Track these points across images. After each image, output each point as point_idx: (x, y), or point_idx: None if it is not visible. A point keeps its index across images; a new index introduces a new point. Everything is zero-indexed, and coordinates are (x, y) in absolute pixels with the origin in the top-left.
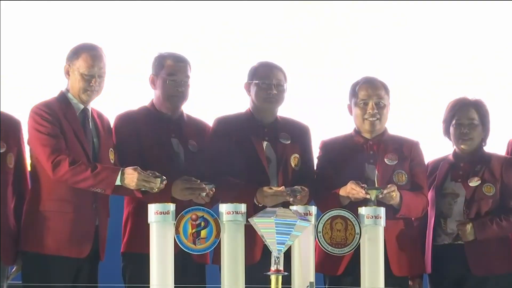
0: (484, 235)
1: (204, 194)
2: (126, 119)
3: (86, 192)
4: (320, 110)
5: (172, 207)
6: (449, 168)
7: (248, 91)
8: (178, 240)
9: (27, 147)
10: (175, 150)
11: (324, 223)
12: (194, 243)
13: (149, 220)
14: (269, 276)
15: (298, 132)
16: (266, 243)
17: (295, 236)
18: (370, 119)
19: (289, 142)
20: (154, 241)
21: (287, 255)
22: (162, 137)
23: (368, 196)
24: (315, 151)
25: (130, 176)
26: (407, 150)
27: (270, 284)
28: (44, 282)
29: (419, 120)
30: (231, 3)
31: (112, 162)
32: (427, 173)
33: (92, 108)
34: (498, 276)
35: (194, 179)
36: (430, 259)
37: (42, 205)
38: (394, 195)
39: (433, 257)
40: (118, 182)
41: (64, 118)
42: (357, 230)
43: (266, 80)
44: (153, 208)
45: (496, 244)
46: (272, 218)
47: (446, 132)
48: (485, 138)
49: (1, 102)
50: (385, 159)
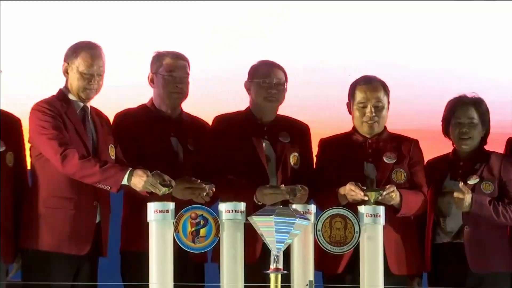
0: (479, 211)
1: (204, 194)
2: (125, 117)
3: (87, 189)
4: (319, 108)
5: (171, 205)
6: (448, 167)
7: (248, 90)
8: (178, 238)
9: (27, 145)
10: (174, 149)
11: (324, 222)
12: (194, 242)
13: (148, 219)
14: (268, 274)
15: (298, 131)
16: (265, 241)
17: (295, 234)
18: (369, 122)
19: (288, 141)
20: (153, 239)
21: (287, 253)
22: (161, 136)
23: (366, 198)
24: (314, 150)
25: (139, 179)
26: (406, 148)
27: (270, 282)
28: (44, 279)
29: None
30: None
31: (112, 158)
32: (427, 172)
33: (91, 106)
34: (497, 274)
35: (194, 179)
36: (429, 258)
37: (43, 202)
38: (394, 195)
39: (432, 256)
40: (125, 182)
41: (65, 115)
42: (356, 229)
43: (267, 79)
44: (152, 207)
45: (495, 243)
46: (271, 216)
47: (445, 131)
48: (485, 136)
49: (0, 100)
50: (384, 158)
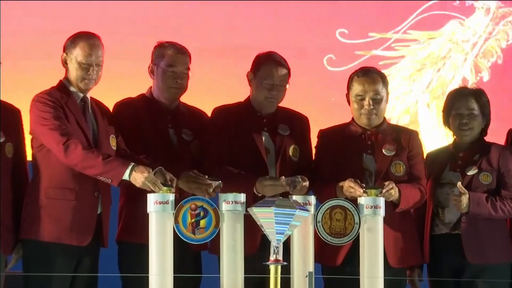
0: (477, 210)
1: (211, 190)
2: (126, 106)
3: (88, 181)
4: (319, 99)
5: (171, 197)
6: (448, 158)
7: (249, 81)
8: (177, 229)
9: (28, 136)
10: (172, 140)
11: (324, 213)
12: (193, 233)
13: (148, 210)
14: (268, 266)
15: (297, 123)
16: (265, 233)
17: (294, 226)
18: (367, 114)
19: (287, 133)
20: (153, 231)
21: (286, 245)
22: (159, 127)
23: (365, 195)
24: (313, 141)
25: (140, 175)
26: (405, 140)
27: (269, 274)
28: (45, 270)
29: None
30: None
31: (113, 149)
32: (427, 163)
33: (91, 97)
34: (494, 266)
35: (201, 175)
36: (427, 249)
37: (44, 193)
38: (393, 192)
39: (430, 247)
40: (126, 176)
41: (65, 106)
42: (356, 220)
43: (270, 80)
44: (152, 198)
45: (492, 234)
46: (271, 208)
47: (446, 122)
48: (485, 127)
49: (0, 91)
50: (383, 150)
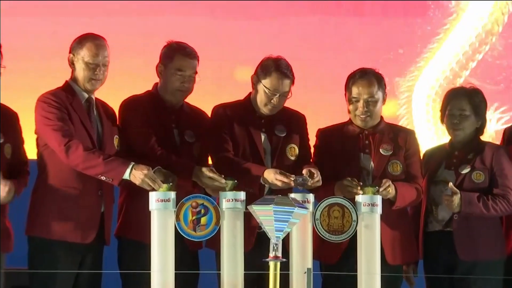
0: (469, 210)
1: (227, 189)
2: (133, 104)
3: (92, 179)
4: (317, 97)
5: (172, 194)
6: (444, 156)
7: (253, 83)
8: (179, 227)
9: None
10: (175, 139)
11: (322, 211)
12: (194, 230)
13: (150, 208)
14: (267, 262)
15: (295, 122)
16: (264, 230)
17: (293, 223)
18: (361, 116)
19: (284, 134)
20: (155, 228)
21: (285, 242)
22: (164, 125)
23: (361, 193)
24: (312, 139)
25: (138, 173)
26: (402, 139)
27: (269, 270)
28: (50, 267)
29: None
30: None
31: (117, 148)
32: (424, 160)
33: (96, 98)
34: (486, 262)
35: (218, 174)
36: (421, 246)
37: (49, 191)
38: (390, 190)
39: (424, 243)
40: (126, 176)
41: (70, 106)
42: (354, 218)
43: (274, 91)
44: (154, 196)
45: (484, 231)
46: (270, 205)
47: (442, 121)
48: (480, 127)
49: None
50: (380, 149)
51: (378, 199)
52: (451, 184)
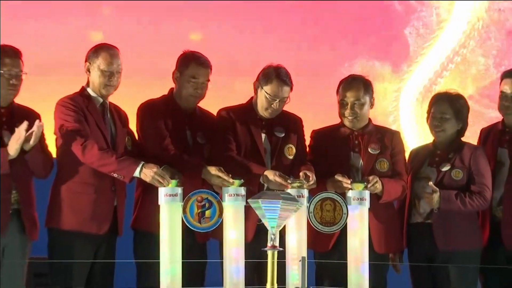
0: (447, 206)
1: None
2: (150, 107)
3: (106, 176)
4: (312, 101)
5: (179, 190)
6: (428, 154)
7: (255, 89)
8: (185, 219)
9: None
10: (188, 141)
11: (315, 204)
12: (200, 222)
13: (159, 202)
14: (265, 251)
15: (293, 124)
16: (263, 222)
17: (289, 216)
18: (349, 117)
19: (283, 135)
20: (164, 220)
21: (282, 233)
22: (178, 128)
23: (352, 188)
24: (307, 139)
25: (148, 172)
26: (388, 140)
27: (267, 258)
28: (68, 255)
29: None
30: None
31: (129, 148)
32: (410, 158)
33: (110, 102)
34: (463, 252)
35: (227, 174)
36: (405, 236)
37: (67, 187)
38: (377, 186)
39: (407, 234)
40: (137, 174)
41: (86, 110)
42: (344, 211)
43: (274, 97)
44: (163, 191)
45: (461, 223)
46: (269, 200)
47: (427, 122)
48: (461, 129)
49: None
50: (368, 149)
51: (366, 194)
52: (431, 183)
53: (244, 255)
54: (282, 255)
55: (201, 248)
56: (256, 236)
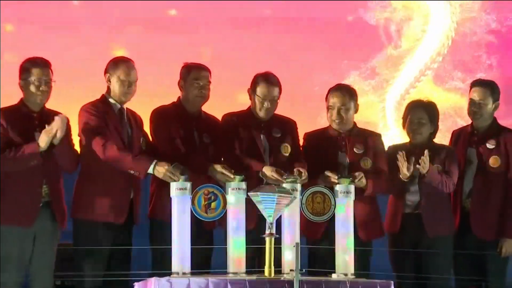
0: (432, 175)
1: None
2: (161, 112)
3: (123, 173)
4: (305, 106)
5: (189, 185)
6: (407, 153)
7: (249, 95)
8: (194, 210)
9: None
10: (196, 140)
11: (307, 197)
12: (206, 212)
13: (171, 195)
14: (264, 238)
15: (289, 126)
16: (262, 212)
17: (284, 207)
18: (336, 121)
19: (279, 135)
20: (175, 211)
21: (278, 222)
22: (186, 130)
23: (340, 183)
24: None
25: (160, 169)
26: (371, 141)
27: (265, 244)
28: (91, 241)
29: None
30: None
31: (143, 148)
32: (389, 153)
33: (127, 107)
34: (444, 237)
35: (230, 171)
36: (399, 223)
37: (90, 182)
38: (363, 180)
39: (401, 222)
40: (150, 170)
41: (106, 115)
42: (332, 202)
43: (264, 98)
44: (174, 186)
45: (442, 212)
46: (267, 193)
47: (404, 126)
48: (434, 132)
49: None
50: (354, 149)
51: (352, 188)
52: (426, 151)
53: (246, 241)
54: (279, 241)
55: (208, 235)
56: (256, 225)
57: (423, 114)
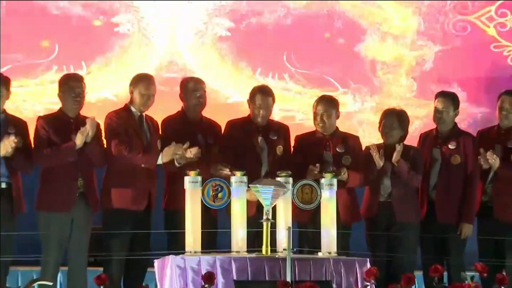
0: (402, 164)
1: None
2: (170, 120)
3: (142, 169)
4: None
5: (199, 178)
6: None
7: (249, 105)
8: (204, 199)
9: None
10: (200, 142)
11: (298, 188)
12: (214, 201)
13: (185, 186)
14: (262, 222)
15: (282, 130)
16: (260, 201)
17: (279, 196)
18: (320, 125)
19: (275, 138)
20: (188, 200)
21: (274, 209)
22: (191, 133)
23: (324, 177)
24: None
25: (166, 151)
26: (351, 142)
27: (263, 228)
28: (118, 225)
29: None
30: None
31: (160, 149)
32: (365, 151)
33: (146, 114)
34: (412, 223)
35: (228, 167)
36: (376, 211)
37: (115, 176)
38: (345, 175)
39: (377, 210)
40: (159, 161)
41: (127, 122)
42: (319, 193)
43: (259, 106)
44: (187, 179)
45: (410, 201)
46: (264, 185)
47: (379, 130)
48: (403, 136)
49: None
50: (336, 148)
51: (334, 181)
52: (398, 146)
53: (247, 225)
54: (274, 225)
55: (214, 221)
56: (256, 212)
57: (395, 120)
